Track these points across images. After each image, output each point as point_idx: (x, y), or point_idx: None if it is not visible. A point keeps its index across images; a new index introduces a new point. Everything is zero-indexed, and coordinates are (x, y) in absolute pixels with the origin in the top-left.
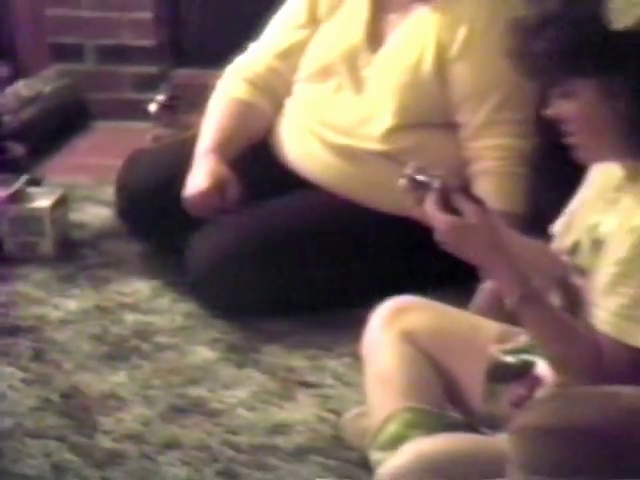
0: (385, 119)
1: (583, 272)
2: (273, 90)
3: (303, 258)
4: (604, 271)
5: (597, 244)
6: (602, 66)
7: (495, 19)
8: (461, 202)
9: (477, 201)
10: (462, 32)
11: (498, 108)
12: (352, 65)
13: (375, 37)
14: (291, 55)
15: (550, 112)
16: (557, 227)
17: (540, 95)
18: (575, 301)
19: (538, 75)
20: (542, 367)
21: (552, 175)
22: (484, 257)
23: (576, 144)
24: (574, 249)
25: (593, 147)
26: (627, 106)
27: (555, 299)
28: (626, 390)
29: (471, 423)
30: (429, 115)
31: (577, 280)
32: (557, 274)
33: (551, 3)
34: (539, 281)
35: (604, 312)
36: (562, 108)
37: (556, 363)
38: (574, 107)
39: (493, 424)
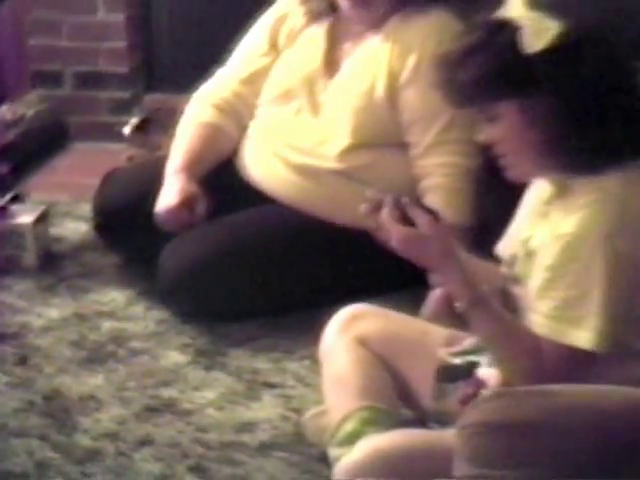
0: (341, 140)
1: (519, 282)
2: (238, 114)
3: (264, 268)
4: (536, 278)
5: (530, 255)
6: (520, 89)
7: (441, 48)
8: (415, 214)
9: (430, 212)
10: (412, 60)
11: (445, 129)
12: (310, 90)
13: (331, 64)
14: (254, 81)
15: (480, 137)
16: (500, 248)
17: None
18: (514, 309)
19: (466, 103)
20: (486, 368)
21: (497, 191)
22: (437, 264)
23: (506, 164)
24: (511, 261)
25: (521, 166)
26: (547, 124)
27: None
28: (565, 388)
29: (422, 420)
30: (381, 136)
31: (515, 289)
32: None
33: (475, 35)
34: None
35: (538, 315)
36: (490, 132)
37: (502, 363)
38: (500, 130)
39: (442, 421)
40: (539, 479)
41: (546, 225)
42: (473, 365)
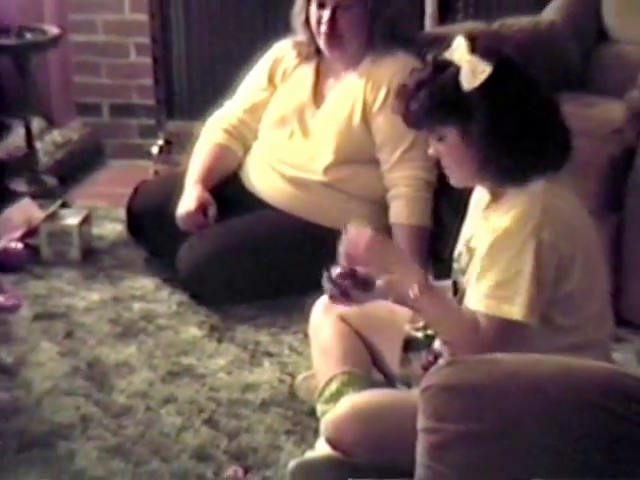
0: (326, 157)
1: (463, 273)
2: (243, 136)
3: (263, 261)
4: (475, 267)
5: (471, 251)
6: (459, 117)
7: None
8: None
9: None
10: (382, 93)
11: (408, 149)
12: (301, 117)
13: (318, 96)
14: (256, 110)
15: (430, 151)
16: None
17: None
18: (461, 296)
19: (419, 126)
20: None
21: (449, 198)
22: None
23: (448, 174)
24: (458, 257)
25: (461, 176)
26: (481, 145)
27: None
28: (507, 357)
29: (391, 382)
30: (358, 154)
31: (460, 280)
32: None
33: (424, 71)
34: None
35: (477, 295)
36: (437, 148)
37: (445, 339)
38: (444, 147)
39: (408, 383)
40: (485, 433)
41: (485, 226)
42: (431, 338)
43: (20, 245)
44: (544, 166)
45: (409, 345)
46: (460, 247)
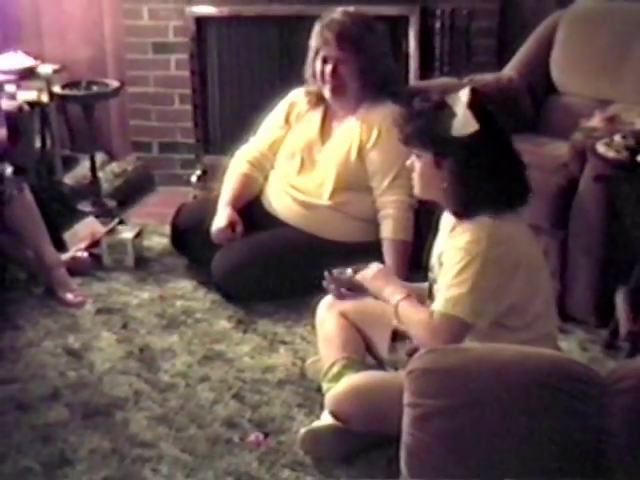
0: (329, 185)
1: (436, 281)
2: (263, 167)
3: (279, 268)
4: (443, 277)
5: (441, 265)
6: (438, 149)
7: (392, 126)
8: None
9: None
10: (374, 133)
11: (394, 178)
12: (310, 152)
13: (324, 135)
14: (274, 145)
15: (408, 162)
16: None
17: None
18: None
19: (406, 142)
20: None
21: (428, 218)
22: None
23: (415, 184)
24: (432, 268)
25: (423, 190)
26: (447, 177)
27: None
28: (476, 346)
29: (382, 366)
30: (355, 182)
31: (433, 285)
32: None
33: (427, 104)
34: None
35: (439, 299)
36: (414, 162)
37: (412, 333)
38: (419, 164)
39: (395, 367)
40: (457, 407)
41: (451, 244)
42: None
43: (86, 254)
44: (493, 208)
45: (396, 336)
46: (433, 259)
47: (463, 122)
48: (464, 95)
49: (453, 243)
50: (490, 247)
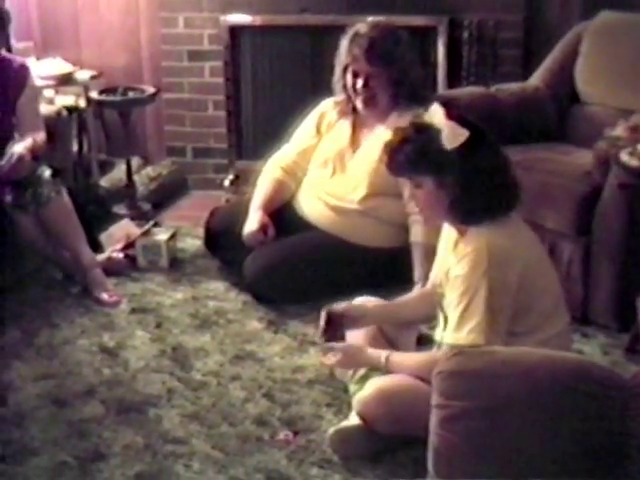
0: (361, 190)
1: (444, 297)
2: (295, 173)
3: (311, 269)
4: (449, 297)
5: (449, 280)
6: (436, 169)
7: None
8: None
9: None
10: None
11: None
12: (341, 159)
13: (354, 144)
14: (306, 153)
15: (406, 194)
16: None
17: None
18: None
19: (400, 174)
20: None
21: None
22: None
23: (421, 213)
24: (440, 284)
25: (431, 215)
26: (451, 193)
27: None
28: (502, 349)
29: None
30: (385, 188)
31: (442, 302)
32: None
33: (408, 130)
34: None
35: (447, 330)
36: (414, 193)
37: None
38: (421, 193)
39: None
40: (483, 408)
41: (455, 258)
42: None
43: (121, 255)
44: (496, 211)
45: (421, 340)
46: (441, 275)
47: (452, 133)
48: (437, 110)
49: (458, 267)
50: (493, 268)
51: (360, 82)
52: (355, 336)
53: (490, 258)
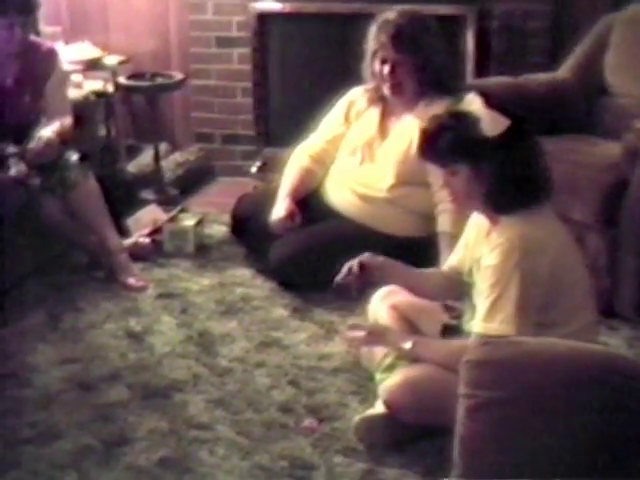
0: (389, 179)
1: (474, 286)
2: (323, 162)
3: (337, 257)
4: (480, 287)
5: (479, 270)
6: (474, 157)
7: None
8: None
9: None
10: None
11: None
12: (370, 148)
13: (383, 132)
14: (334, 141)
15: (441, 182)
16: (451, 259)
17: None
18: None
19: (437, 161)
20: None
21: None
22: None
23: (455, 203)
24: (469, 272)
25: (465, 204)
26: (487, 181)
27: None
28: (527, 339)
29: None
30: (413, 177)
31: (471, 291)
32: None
33: (444, 118)
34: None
35: (476, 320)
36: (449, 181)
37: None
38: (455, 181)
39: None
40: (510, 399)
41: (488, 247)
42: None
43: (148, 240)
44: (529, 202)
45: (446, 330)
46: (470, 264)
47: (493, 121)
48: (475, 99)
49: (490, 257)
50: (525, 259)
51: (387, 69)
52: (380, 322)
53: (522, 249)
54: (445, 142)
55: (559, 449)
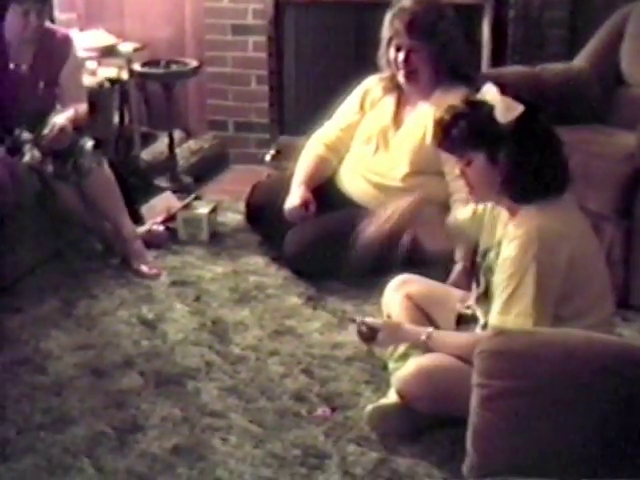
0: (403, 168)
1: (491, 270)
2: (338, 150)
3: (351, 246)
4: (497, 275)
5: (498, 254)
6: (490, 144)
7: None
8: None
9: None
10: None
11: None
12: (384, 136)
13: (398, 121)
14: (349, 130)
15: (457, 172)
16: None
17: None
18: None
19: (453, 150)
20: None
21: None
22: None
23: (471, 193)
24: (484, 253)
25: (481, 194)
26: (503, 169)
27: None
28: (543, 330)
29: None
30: (428, 166)
31: (488, 276)
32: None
33: (460, 107)
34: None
35: (492, 312)
36: (464, 171)
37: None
38: (471, 170)
39: None
40: (524, 388)
41: (507, 235)
42: (476, 315)
43: (162, 228)
44: (548, 191)
45: (460, 320)
46: (487, 243)
47: (506, 107)
48: (491, 88)
49: (508, 249)
50: (541, 250)
51: (401, 56)
52: (394, 315)
53: (540, 241)
54: (460, 130)
55: (573, 439)
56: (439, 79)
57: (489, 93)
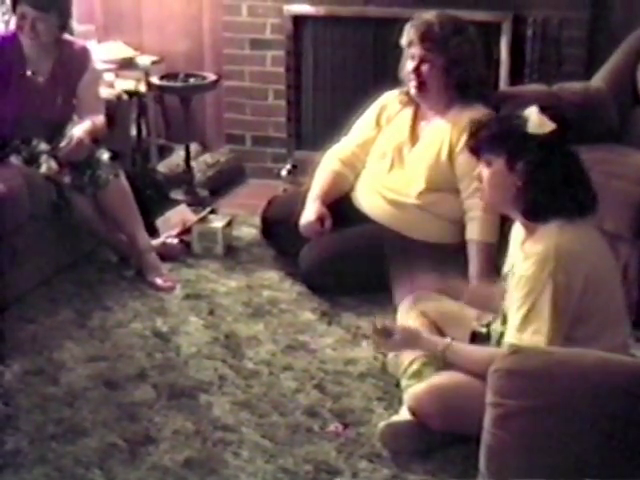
0: (418, 185)
1: (508, 291)
2: (354, 166)
3: (367, 262)
4: (513, 294)
5: (514, 275)
6: (512, 151)
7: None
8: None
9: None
10: (464, 136)
11: None
12: (400, 152)
13: (414, 137)
14: (365, 145)
15: (475, 172)
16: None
17: None
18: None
19: (478, 149)
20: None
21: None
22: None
23: (483, 196)
24: (504, 277)
25: (493, 199)
26: (520, 179)
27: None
28: (558, 349)
29: None
30: (444, 184)
31: (506, 296)
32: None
33: (499, 117)
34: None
35: (509, 328)
36: (482, 172)
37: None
38: (489, 171)
39: None
40: (538, 408)
41: (522, 256)
42: (491, 333)
43: (176, 241)
44: (566, 213)
45: (475, 337)
46: (507, 269)
47: (539, 122)
48: (533, 109)
49: (524, 267)
50: (558, 269)
51: (412, 65)
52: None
53: (557, 261)
54: (491, 130)
55: (587, 459)
56: (450, 94)
57: (529, 109)
